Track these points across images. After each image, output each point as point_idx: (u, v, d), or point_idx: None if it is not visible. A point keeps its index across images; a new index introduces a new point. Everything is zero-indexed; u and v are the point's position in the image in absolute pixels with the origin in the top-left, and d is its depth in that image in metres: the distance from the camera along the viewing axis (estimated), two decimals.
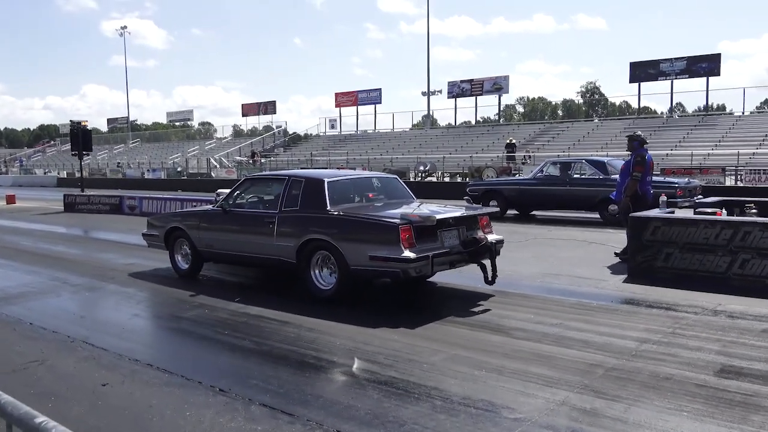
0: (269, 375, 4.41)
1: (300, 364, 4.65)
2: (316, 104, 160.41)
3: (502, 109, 52.14)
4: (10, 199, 22.66)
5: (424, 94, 47.75)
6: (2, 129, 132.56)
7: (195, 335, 5.51)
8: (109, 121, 72.33)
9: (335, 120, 50.36)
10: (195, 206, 13.24)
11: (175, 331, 5.67)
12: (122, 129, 70.41)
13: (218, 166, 43.40)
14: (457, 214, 6.78)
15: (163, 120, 73.39)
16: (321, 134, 50.55)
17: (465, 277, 7.21)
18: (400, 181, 8.14)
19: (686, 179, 15.12)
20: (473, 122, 46.80)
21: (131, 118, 71.28)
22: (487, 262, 6.71)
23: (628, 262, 7.90)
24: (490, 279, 6.67)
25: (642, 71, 35.70)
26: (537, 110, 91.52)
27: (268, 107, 54.90)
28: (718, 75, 33.61)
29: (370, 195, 7.43)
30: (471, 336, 5.28)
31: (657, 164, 15.50)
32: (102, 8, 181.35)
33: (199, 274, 8.20)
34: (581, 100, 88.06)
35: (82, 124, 20.91)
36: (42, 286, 7.88)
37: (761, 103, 63.08)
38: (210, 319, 6.02)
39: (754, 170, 21.02)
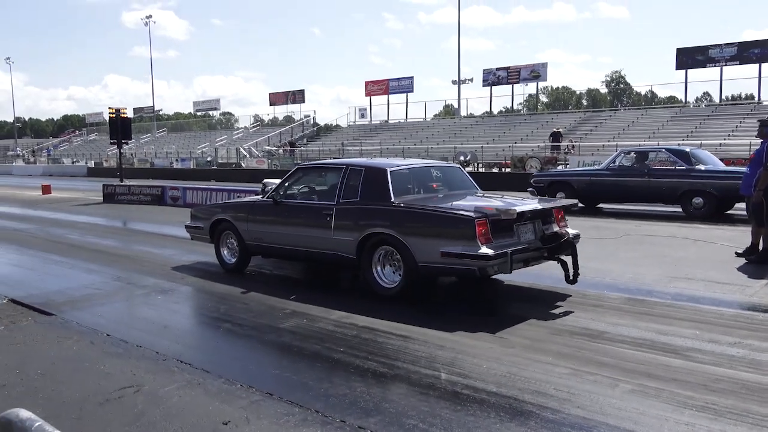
0: (424, 412, 3.55)
1: (454, 396, 3.78)
2: (335, 93, 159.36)
3: (526, 99, 51.06)
4: (46, 190, 22.09)
5: (454, 82, 46.75)
6: (27, 119, 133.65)
7: (306, 353, 4.64)
8: (135, 110, 71.90)
9: (365, 109, 49.42)
10: (240, 197, 12.48)
11: (280, 348, 4.81)
12: (147, 119, 70.10)
13: (248, 156, 42.70)
14: (535, 206, 6.11)
15: (185, 110, 73.50)
16: (351, 124, 49.62)
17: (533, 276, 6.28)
18: (463, 170, 7.48)
19: None
20: (507, 111, 45.65)
21: (153, 108, 70.82)
22: (568, 259, 6.08)
23: None
24: (571, 277, 6.02)
25: (689, 58, 34.24)
26: (561, 100, 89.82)
27: (297, 96, 54.07)
28: None
29: (434, 185, 6.87)
30: (640, 358, 4.37)
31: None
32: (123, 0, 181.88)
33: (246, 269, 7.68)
34: (606, 90, 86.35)
35: (122, 112, 20.20)
36: (106, 288, 7.10)
37: None
38: (314, 332, 5.17)
39: None
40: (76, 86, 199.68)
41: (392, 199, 6.13)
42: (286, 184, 7.30)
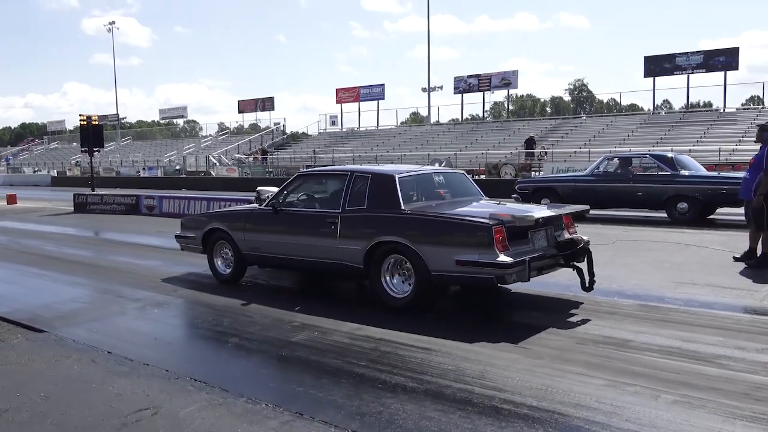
0: (469, 429, 3.37)
1: (495, 412, 3.61)
2: (302, 102, 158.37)
3: (490, 106, 51.44)
4: (11, 199, 21.30)
5: (424, 90, 46.85)
6: None
7: (327, 369, 4.41)
8: (100, 118, 70.22)
9: (336, 117, 49.19)
10: (229, 206, 12.18)
11: (297, 363, 4.56)
12: (111, 127, 68.65)
13: (218, 164, 42.09)
14: (549, 213, 5.96)
15: (148, 118, 72.07)
16: (322, 131, 49.34)
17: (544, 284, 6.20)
18: (467, 177, 7.36)
19: None
20: (476, 118, 45.94)
21: (117, 116, 69.35)
22: (583, 266, 6.05)
23: None
24: (587, 285, 5.97)
25: (657, 66, 34.92)
26: (525, 107, 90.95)
27: (266, 104, 53.53)
28: (737, 69, 32.91)
29: (440, 192, 6.69)
30: (674, 367, 4.26)
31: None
32: (83, 6, 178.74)
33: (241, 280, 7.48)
34: (569, 97, 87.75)
35: (93, 119, 19.61)
36: (96, 301, 6.78)
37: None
38: (330, 345, 4.95)
39: None
40: (34, 94, 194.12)
41: (402, 207, 5.99)
42: (286, 192, 7.10)
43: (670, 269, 7.63)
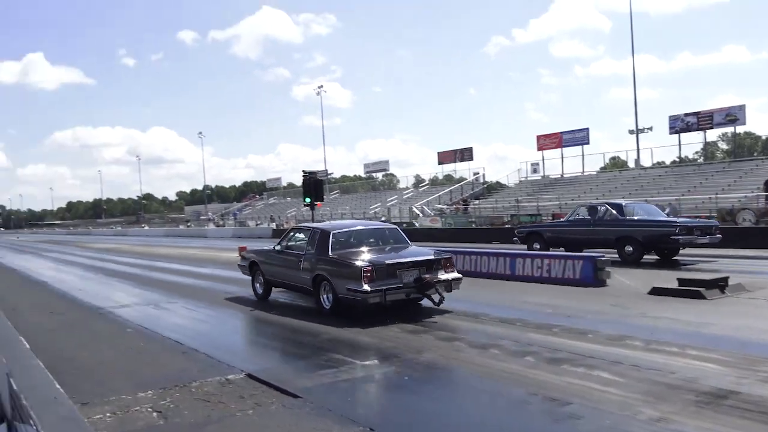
0: None
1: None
2: (492, 151, 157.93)
3: (701, 147, 46.17)
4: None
5: (631, 132, 44.01)
6: (214, 186, 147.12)
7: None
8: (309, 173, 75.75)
9: (537, 164, 47.73)
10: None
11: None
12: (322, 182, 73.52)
13: (421, 214, 42.69)
14: (414, 259, 8.79)
15: (349, 173, 75.70)
16: (523, 179, 48.10)
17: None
18: (399, 230, 10.38)
19: None
20: (689, 160, 41.69)
21: (326, 172, 74.16)
22: (436, 295, 8.65)
23: None
24: (437, 303, 8.72)
25: None
26: (744, 146, 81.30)
27: (465, 154, 53.73)
28: None
29: (372, 241, 9.60)
30: None
31: None
32: (294, 75, 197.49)
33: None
34: None
35: (316, 174, 20.66)
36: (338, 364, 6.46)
37: None
38: (465, 359, 4.05)
39: None
40: (253, 155, 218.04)
41: (329, 253, 9.01)
42: (284, 239, 10.59)
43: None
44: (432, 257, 8.86)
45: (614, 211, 14.99)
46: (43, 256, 30.27)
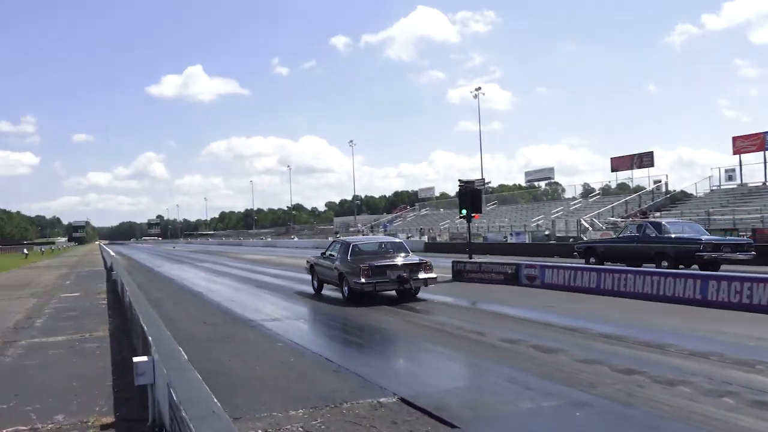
0: None
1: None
2: (676, 155, 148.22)
3: None
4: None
5: None
6: (363, 196, 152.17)
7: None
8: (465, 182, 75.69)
9: (733, 170, 43.99)
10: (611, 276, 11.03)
11: None
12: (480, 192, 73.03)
13: (590, 228, 40.98)
14: (400, 263, 13.90)
15: (508, 181, 74.26)
16: (715, 188, 44.54)
17: None
18: (403, 242, 16.75)
19: None
20: None
21: (483, 181, 73.62)
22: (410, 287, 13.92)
23: None
24: (414, 294, 14.22)
25: None
26: None
27: (644, 159, 50.78)
28: None
29: (381, 250, 15.16)
30: None
31: None
32: (449, 77, 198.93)
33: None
34: None
35: (473, 184, 20.58)
36: (500, 391, 6.29)
37: None
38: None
39: None
40: (405, 163, 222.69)
41: (349, 258, 14.23)
42: (327, 248, 15.95)
43: None
44: (415, 262, 14.11)
45: (654, 229, 18.67)
46: (197, 266, 33.04)
